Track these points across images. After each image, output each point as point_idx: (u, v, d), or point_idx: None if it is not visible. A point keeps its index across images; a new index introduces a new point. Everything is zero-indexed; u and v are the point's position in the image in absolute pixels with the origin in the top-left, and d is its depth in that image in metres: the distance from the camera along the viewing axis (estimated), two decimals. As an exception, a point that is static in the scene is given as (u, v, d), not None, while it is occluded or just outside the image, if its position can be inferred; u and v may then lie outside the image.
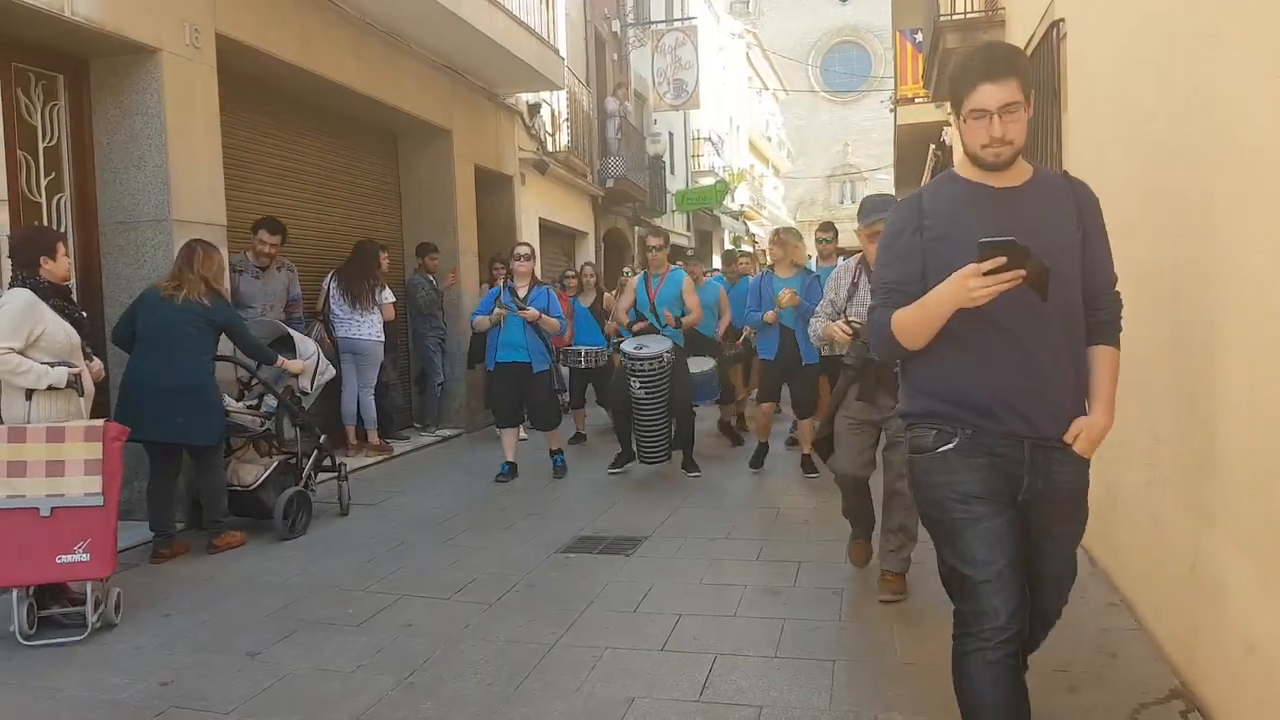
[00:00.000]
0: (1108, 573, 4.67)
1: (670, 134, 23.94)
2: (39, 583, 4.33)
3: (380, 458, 8.61)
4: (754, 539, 5.71)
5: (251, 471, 6.07)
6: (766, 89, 41.06)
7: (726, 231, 29.46)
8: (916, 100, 15.07)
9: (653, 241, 7.87)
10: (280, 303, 7.48)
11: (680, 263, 10.22)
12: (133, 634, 4.34)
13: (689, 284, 7.67)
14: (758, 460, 7.89)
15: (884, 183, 41.53)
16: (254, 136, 8.09)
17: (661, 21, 20.85)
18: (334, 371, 6.63)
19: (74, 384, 4.40)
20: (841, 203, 50.53)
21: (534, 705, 3.49)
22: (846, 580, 4.85)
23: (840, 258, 7.24)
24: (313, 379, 6.28)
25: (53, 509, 4.27)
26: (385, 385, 9.01)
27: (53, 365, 4.35)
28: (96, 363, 4.77)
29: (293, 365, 6.08)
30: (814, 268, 8.23)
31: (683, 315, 7.54)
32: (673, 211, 23.60)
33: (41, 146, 6.16)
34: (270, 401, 6.09)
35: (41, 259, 4.45)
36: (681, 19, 21.60)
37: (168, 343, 5.47)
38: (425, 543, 5.84)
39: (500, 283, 8.21)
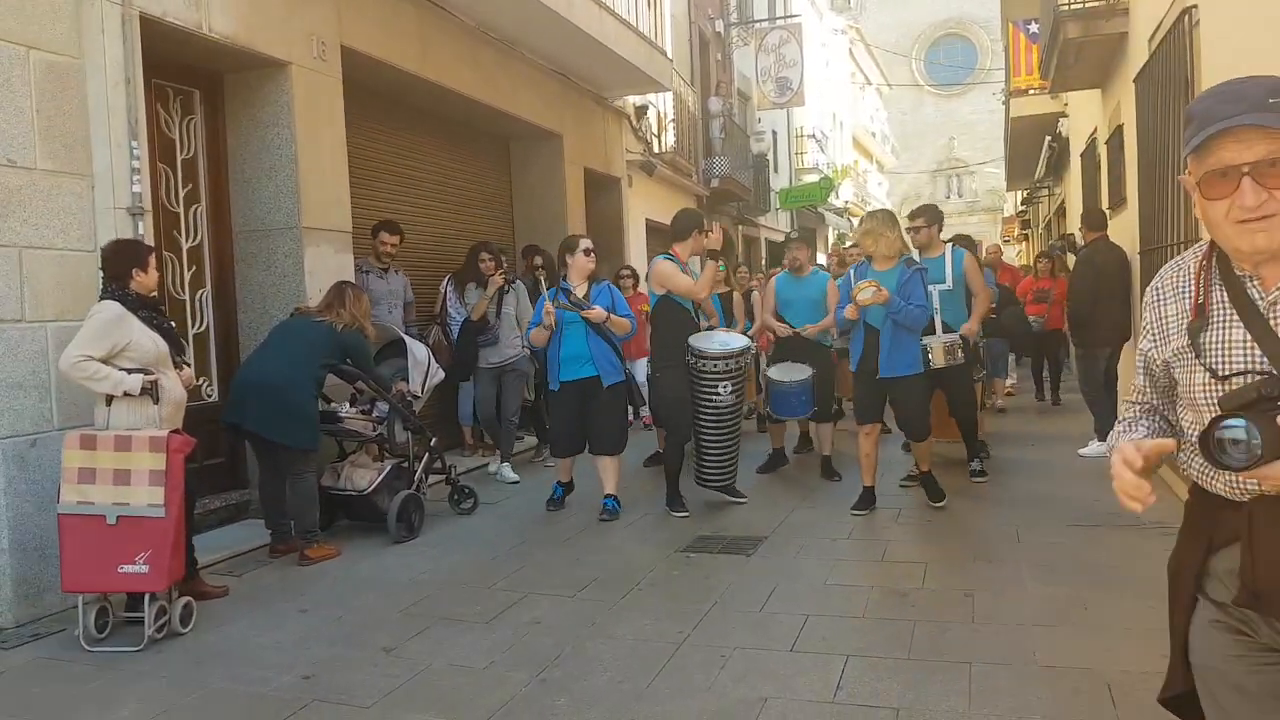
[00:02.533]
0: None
1: (774, 132, 23.78)
2: (102, 590, 4.36)
3: (494, 457, 8.73)
4: (877, 540, 5.63)
5: (365, 476, 6.18)
6: (870, 84, 40.44)
7: (831, 229, 29.12)
8: (1030, 92, 14.66)
9: (709, 241, 6.56)
10: (400, 302, 7.68)
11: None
12: (273, 629, 4.50)
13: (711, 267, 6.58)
14: (863, 504, 6.24)
15: (994, 176, 40.50)
16: (374, 145, 8.33)
17: (764, 20, 20.75)
18: (443, 375, 6.74)
19: (149, 390, 4.43)
20: (948, 197, 49.52)
21: (667, 703, 3.50)
22: (977, 582, 4.73)
23: (949, 247, 7.09)
24: (424, 383, 6.41)
25: (118, 518, 4.26)
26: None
27: (132, 373, 4.42)
28: (187, 371, 4.85)
29: (412, 386, 6.37)
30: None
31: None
32: (777, 210, 23.45)
33: (180, 159, 6.45)
34: (382, 406, 6.23)
35: (134, 271, 4.55)
36: (785, 16, 21.43)
37: (281, 345, 5.67)
38: (545, 541, 5.92)
39: (538, 279, 7.55)
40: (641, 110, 13.18)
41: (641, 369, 9.03)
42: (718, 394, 6.22)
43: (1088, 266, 7.92)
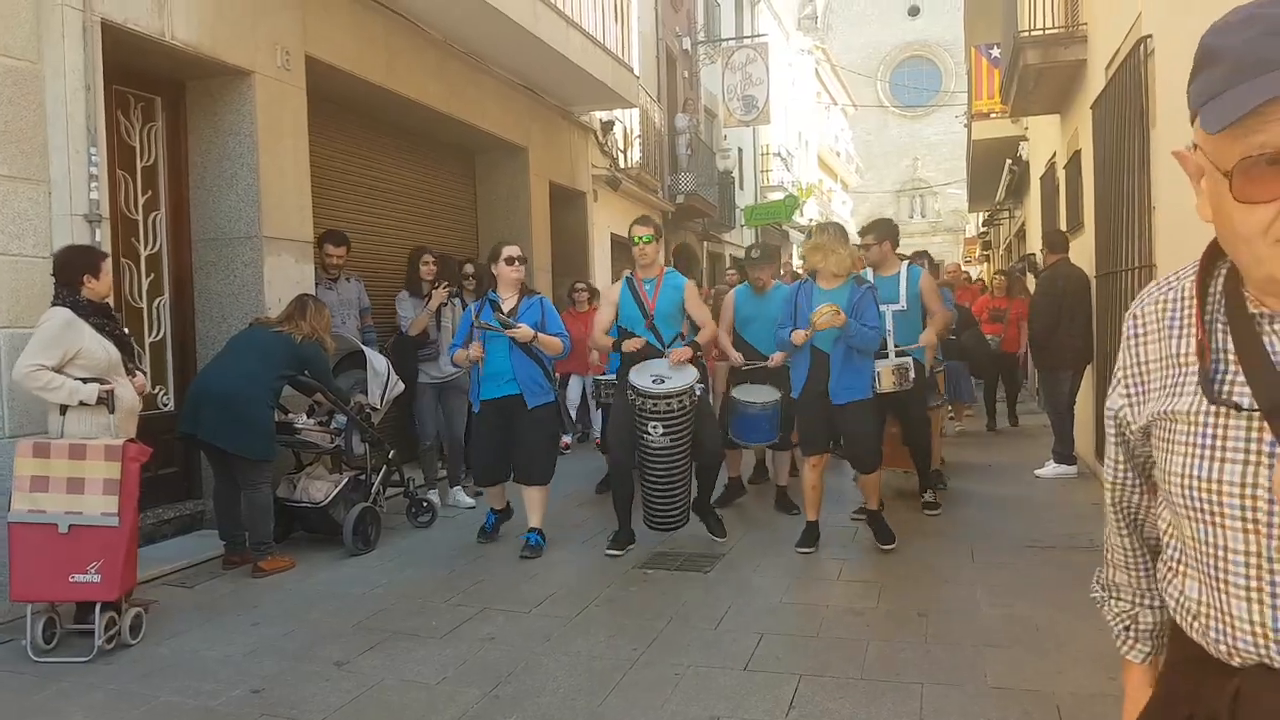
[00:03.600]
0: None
1: (740, 150, 23.95)
2: (52, 600, 4.31)
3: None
4: (833, 559, 5.66)
5: (322, 488, 6.13)
6: (835, 104, 40.85)
7: (795, 246, 29.34)
8: (992, 115, 14.88)
9: (640, 231, 5.86)
10: (355, 310, 7.60)
11: (731, 273, 9.64)
12: (224, 641, 4.45)
13: (692, 290, 5.95)
14: (807, 541, 5.76)
15: (956, 197, 41.02)
16: (338, 155, 8.30)
17: (732, 39, 20.92)
18: (403, 387, 6.69)
19: (105, 400, 4.41)
20: (911, 217, 50.06)
21: (619, 722, 3.50)
22: (931, 602, 4.78)
23: (905, 265, 6.63)
24: (383, 395, 6.37)
25: (70, 527, 4.23)
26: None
27: (87, 382, 4.39)
28: (140, 378, 4.83)
29: (370, 398, 6.32)
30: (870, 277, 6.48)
31: (677, 335, 5.86)
32: (742, 226, 23.58)
33: (140, 166, 6.39)
34: (340, 418, 6.18)
35: (85, 278, 4.50)
36: (751, 35, 21.64)
37: (238, 355, 5.63)
38: (502, 556, 5.89)
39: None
40: (608, 125, 13.24)
41: (575, 387, 9.17)
42: (647, 433, 5.54)
43: (1049, 288, 8.03)
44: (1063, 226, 9.86)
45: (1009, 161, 16.13)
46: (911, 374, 6.10)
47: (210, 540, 5.98)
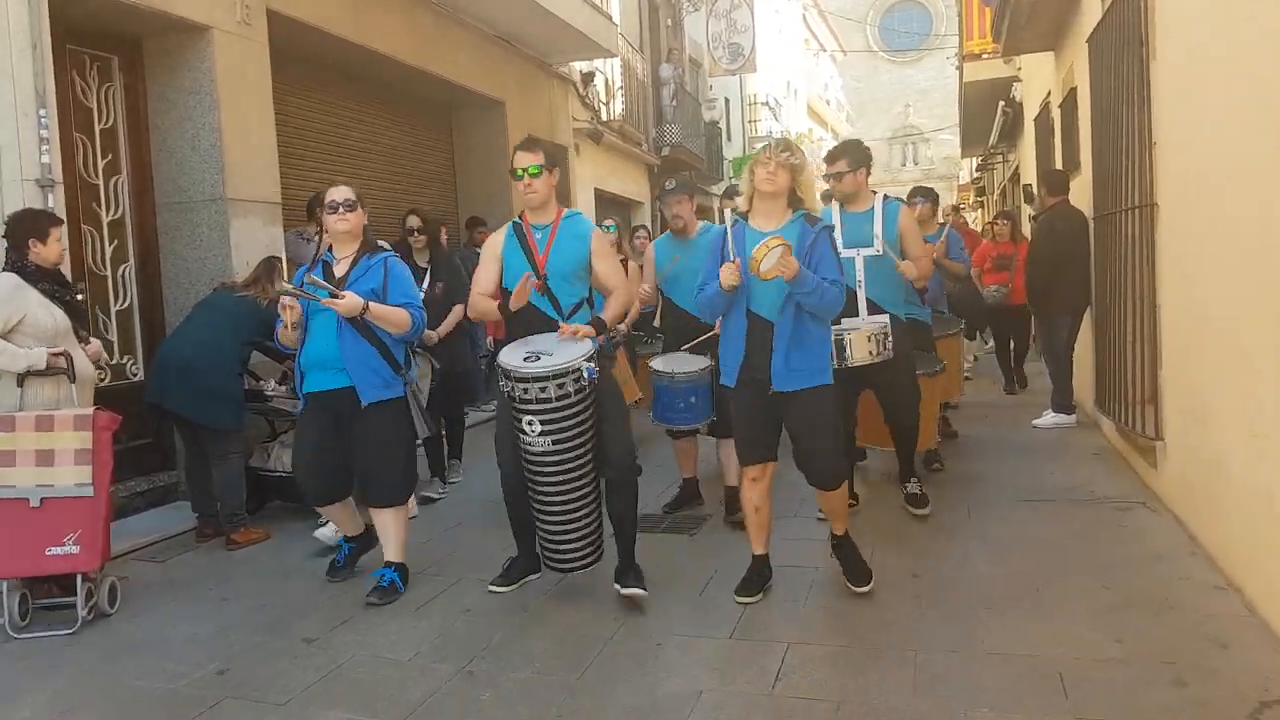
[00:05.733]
0: (1212, 554, 4.37)
1: (726, 100, 23.53)
2: (30, 575, 4.23)
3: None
4: (824, 517, 5.44)
5: None
6: (824, 51, 40.26)
7: (786, 198, 29.01)
8: (984, 56, 14.49)
9: (524, 160, 4.23)
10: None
11: (642, 237, 7.72)
12: (193, 619, 4.29)
13: (600, 241, 4.41)
14: (750, 587, 4.25)
15: (949, 143, 40.58)
16: (306, 113, 8.03)
17: (717, -16, 20.40)
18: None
19: (66, 370, 4.31)
20: (904, 165, 49.55)
21: (597, 697, 3.34)
22: (924, 562, 4.61)
23: (879, 198, 5.34)
24: None
25: (43, 500, 4.17)
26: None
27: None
28: (94, 344, 4.69)
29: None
30: (831, 216, 5.14)
31: (582, 301, 4.33)
32: (730, 178, 23.23)
33: (98, 128, 6.14)
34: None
35: (31, 242, 4.36)
36: (737, -19, 21.12)
37: (203, 322, 5.45)
38: (483, 523, 5.64)
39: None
40: (588, 77, 12.90)
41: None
42: (523, 433, 4.05)
43: (1048, 232, 7.78)
44: (1059, 168, 9.60)
45: (1002, 104, 15.76)
46: (890, 339, 4.88)
47: (183, 513, 5.84)
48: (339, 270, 4.49)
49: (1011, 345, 9.91)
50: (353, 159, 8.68)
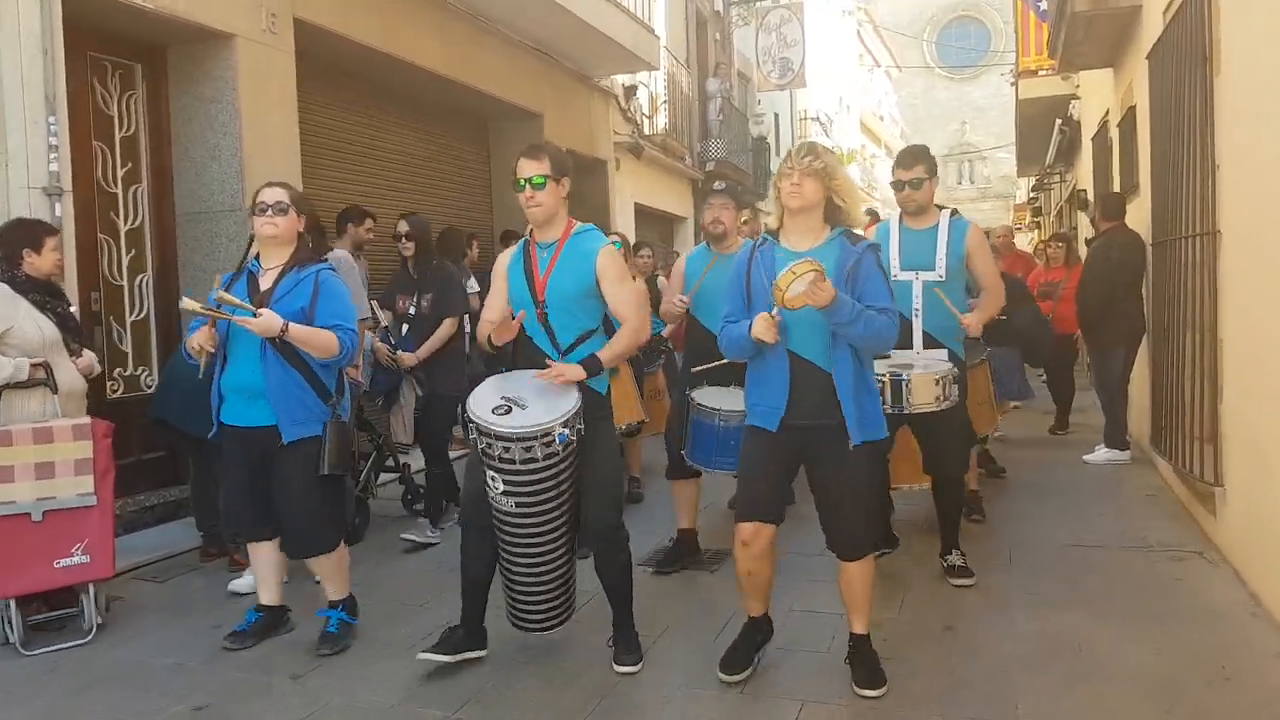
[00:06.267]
0: (1275, 616, 3.99)
1: (775, 115, 23.23)
2: (40, 590, 4.20)
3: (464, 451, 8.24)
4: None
5: None
6: (879, 66, 39.80)
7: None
8: (1040, 73, 14.08)
9: (527, 169, 3.63)
10: (365, 289, 7.24)
11: (646, 256, 7.24)
12: (180, 647, 4.11)
13: (610, 260, 3.65)
14: (735, 662, 3.64)
15: (1005, 162, 39.88)
16: (336, 124, 7.91)
17: (767, -1, 20.14)
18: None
19: (41, 379, 4.21)
20: (959, 183, 48.88)
21: (591, 761, 3.07)
22: (959, 612, 4.28)
23: (947, 214, 4.66)
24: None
25: (45, 513, 4.11)
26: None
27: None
28: (86, 357, 4.56)
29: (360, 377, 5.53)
30: (889, 231, 4.70)
31: (589, 334, 3.69)
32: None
33: (118, 136, 6.05)
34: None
35: (25, 252, 4.29)
36: (788, -5, 20.84)
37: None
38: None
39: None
40: (631, 90, 12.71)
41: None
42: (488, 486, 3.54)
43: (1103, 258, 7.40)
44: (1116, 190, 9.18)
45: (1059, 122, 15.30)
46: (956, 386, 4.32)
47: (193, 530, 5.65)
48: (265, 282, 3.93)
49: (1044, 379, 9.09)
50: (383, 170, 8.55)
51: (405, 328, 5.60)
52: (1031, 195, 27.43)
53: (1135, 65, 7.89)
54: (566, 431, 3.40)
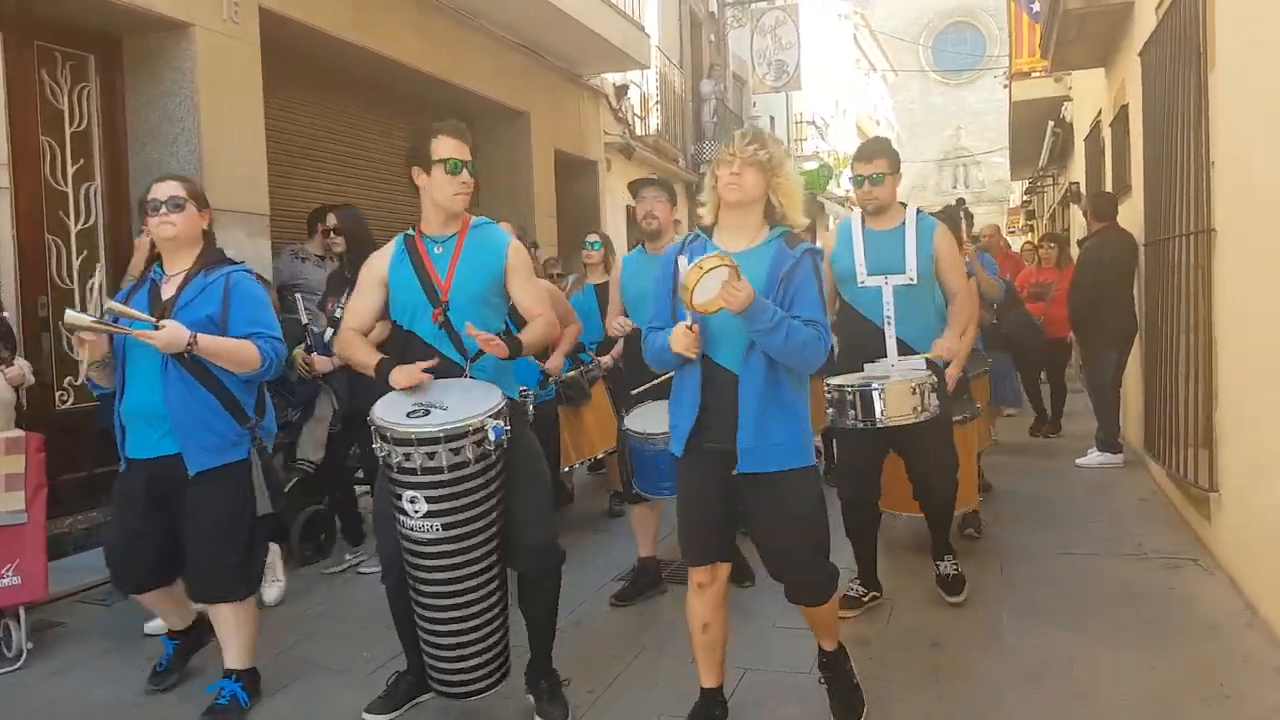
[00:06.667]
0: (1273, 628, 3.77)
1: (771, 118, 23.01)
2: None
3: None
4: (842, 566, 4.77)
5: None
6: (875, 70, 39.66)
7: (831, 218, 28.40)
8: (1033, 75, 13.91)
9: (463, 150, 3.32)
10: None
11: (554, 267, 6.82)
12: (117, 678, 3.84)
13: (519, 255, 3.37)
14: None
15: (1000, 166, 39.75)
16: (307, 120, 7.69)
17: (762, 0, 19.94)
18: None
19: None
20: (954, 187, 48.76)
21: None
22: (947, 627, 4.05)
23: (914, 212, 4.23)
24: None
25: None
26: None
27: None
28: (16, 367, 4.35)
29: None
30: (851, 233, 4.24)
31: (502, 333, 3.27)
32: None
33: (69, 131, 5.80)
34: (290, 410, 5.52)
35: None
36: (782, -3, 20.67)
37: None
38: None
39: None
40: (622, 90, 12.50)
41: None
42: (404, 513, 3.01)
43: (1095, 258, 7.22)
44: (1109, 190, 8.98)
45: (1051, 124, 15.12)
46: (935, 395, 3.87)
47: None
48: (167, 291, 3.41)
49: (1045, 383, 8.81)
50: (360, 169, 8.33)
51: (330, 333, 5.00)
52: (1025, 198, 27.29)
53: (1128, 64, 7.70)
54: (500, 424, 2.98)
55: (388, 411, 3.01)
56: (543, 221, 10.20)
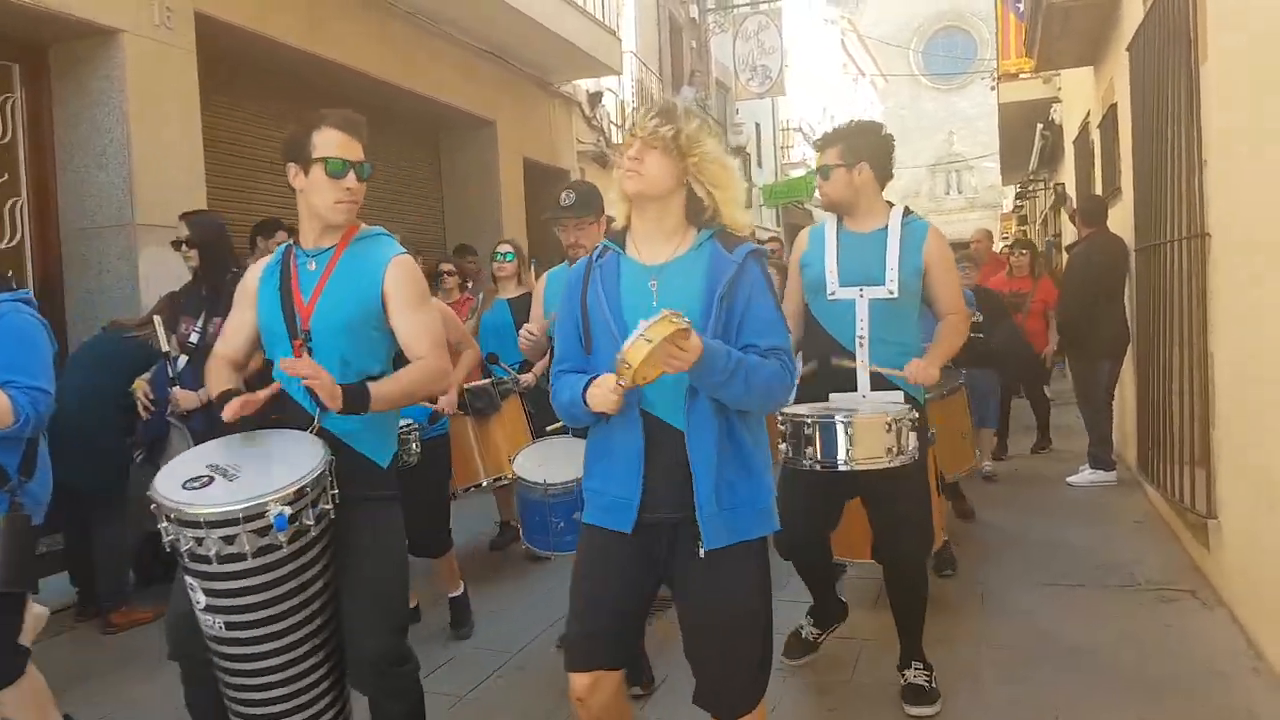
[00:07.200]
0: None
1: (757, 124, 22.75)
2: None
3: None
4: (805, 602, 4.39)
5: None
6: (863, 76, 39.44)
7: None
8: (1021, 76, 13.64)
9: (354, 150, 2.68)
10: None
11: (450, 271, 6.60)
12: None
13: (401, 274, 2.67)
14: None
15: (993, 171, 39.53)
16: (253, 130, 7.35)
17: (745, 4, 19.65)
18: None
19: None
20: (947, 193, 48.52)
21: None
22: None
23: (899, 213, 3.51)
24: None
25: None
26: None
27: None
28: None
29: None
30: (824, 236, 3.58)
31: (370, 378, 2.60)
32: (760, 206, 22.42)
33: (-9, 145, 5.48)
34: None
35: None
36: (765, 0, 20.37)
37: (81, 366, 4.71)
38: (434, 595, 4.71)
39: None
40: (596, 97, 12.18)
41: None
42: (196, 598, 2.36)
43: (1082, 265, 6.90)
44: (1097, 193, 8.67)
45: (1040, 126, 14.86)
46: (913, 435, 3.18)
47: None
48: None
49: (1030, 401, 8.37)
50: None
51: (183, 360, 4.46)
52: (1017, 204, 27.05)
53: (1116, 61, 7.39)
54: (287, 512, 2.27)
55: (169, 475, 2.38)
56: (512, 231, 9.87)
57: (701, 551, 2.25)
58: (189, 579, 2.33)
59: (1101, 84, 8.58)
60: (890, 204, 3.56)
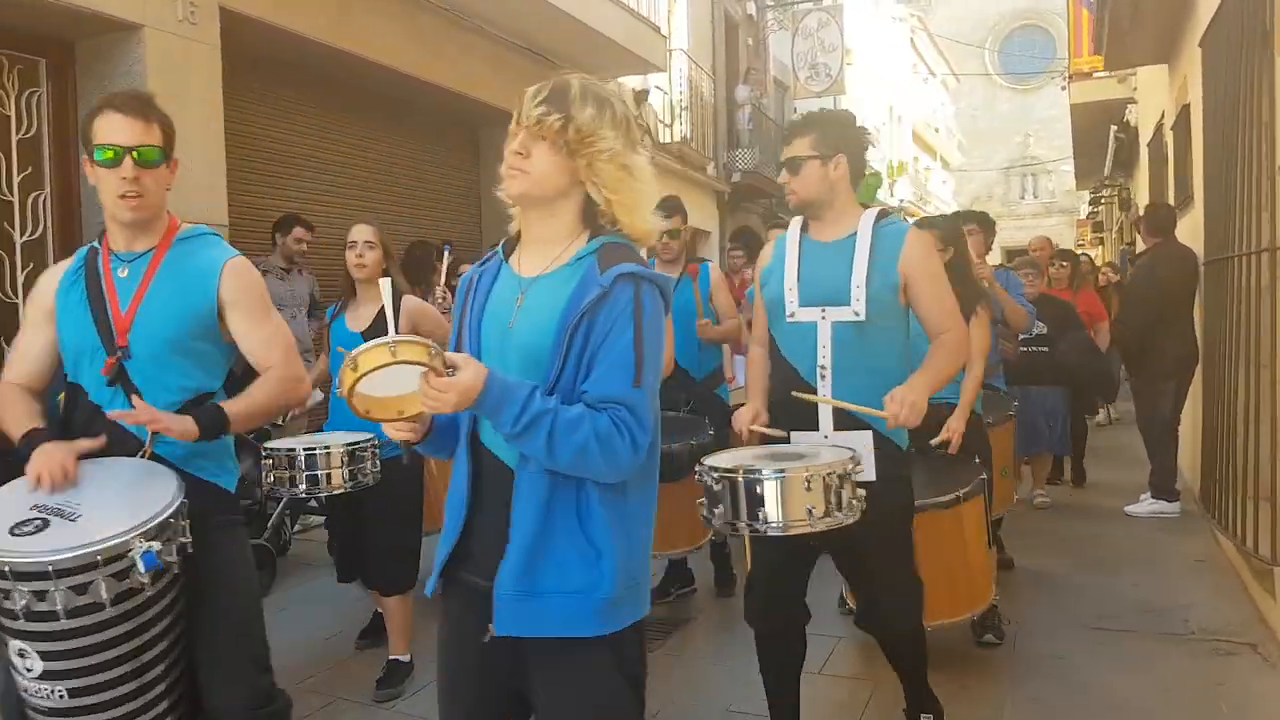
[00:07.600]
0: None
1: (819, 125, 22.25)
2: None
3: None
4: (821, 635, 3.95)
5: None
6: (934, 75, 38.61)
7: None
8: (1095, 75, 13.02)
9: (137, 134, 2.36)
10: (305, 306, 6.58)
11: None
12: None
13: (239, 278, 2.42)
14: None
15: (1069, 175, 38.41)
16: (282, 125, 7.25)
17: (804, 0, 19.20)
18: (319, 398, 5.42)
19: None
20: (1022, 198, 47.30)
21: None
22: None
23: (871, 215, 2.93)
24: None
25: None
26: None
27: None
28: None
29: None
30: (785, 247, 3.05)
31: (202, 396, 2.38)
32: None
33: (15, 138, 5.43)
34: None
35: None
36: (828, -2, 19.90)
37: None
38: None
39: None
40: (642, 95, 11.90)
41: None
42: (15, 668, 2.05)
43: (1146, 278, 6.42)
44: (1170, 202, 8.16)
45: (1114, 129, 14.22)
46: (859, 487, 2.60)
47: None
48: None
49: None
50: (341, 178, 7.87)
51: None
52: (1091, 210, 26.17)
53: (1189, 57, 6.92)
54: (155, 548, 2.00)
55: (14, 546, 1.97)
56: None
57: (492, 633, 1.75)
58: (17, 644, 1.98)
59: (1175, 82, 8.09)
60: (865, 206, 2.98)
